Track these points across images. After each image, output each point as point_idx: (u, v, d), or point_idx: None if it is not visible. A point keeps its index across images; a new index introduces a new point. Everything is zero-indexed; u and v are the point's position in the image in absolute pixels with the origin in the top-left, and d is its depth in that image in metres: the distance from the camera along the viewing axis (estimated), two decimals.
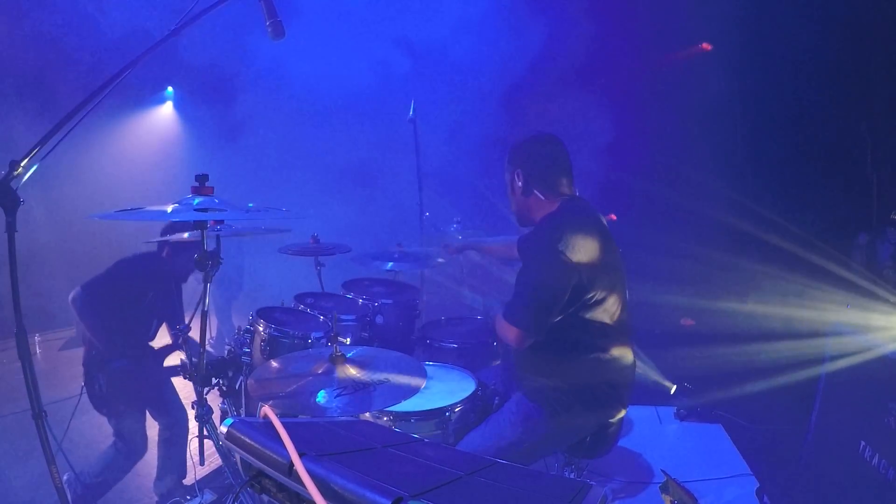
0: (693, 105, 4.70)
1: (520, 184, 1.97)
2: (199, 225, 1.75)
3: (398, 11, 4.97)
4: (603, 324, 1.84)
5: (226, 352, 2.31)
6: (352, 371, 1.59)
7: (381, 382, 1.54)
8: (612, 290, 1.84)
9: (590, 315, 1.81)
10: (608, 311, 1.85)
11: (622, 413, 1.95)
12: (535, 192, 1.94)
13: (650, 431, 3.29)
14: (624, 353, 1.90)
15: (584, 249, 1.77)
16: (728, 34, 4.60)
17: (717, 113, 4.66)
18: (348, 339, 2.29)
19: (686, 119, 4.72)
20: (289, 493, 0.81)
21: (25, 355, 1.74)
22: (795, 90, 4.20)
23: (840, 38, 3.94)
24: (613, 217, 2.02)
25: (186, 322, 2.19)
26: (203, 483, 2.47)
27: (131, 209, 1.73)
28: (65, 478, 2.12)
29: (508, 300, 1.85)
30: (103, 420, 3.35)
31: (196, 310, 1.91)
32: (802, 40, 4.07)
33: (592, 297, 1.79)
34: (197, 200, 1.72)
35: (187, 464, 2.66)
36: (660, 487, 2.28)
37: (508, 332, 1.81)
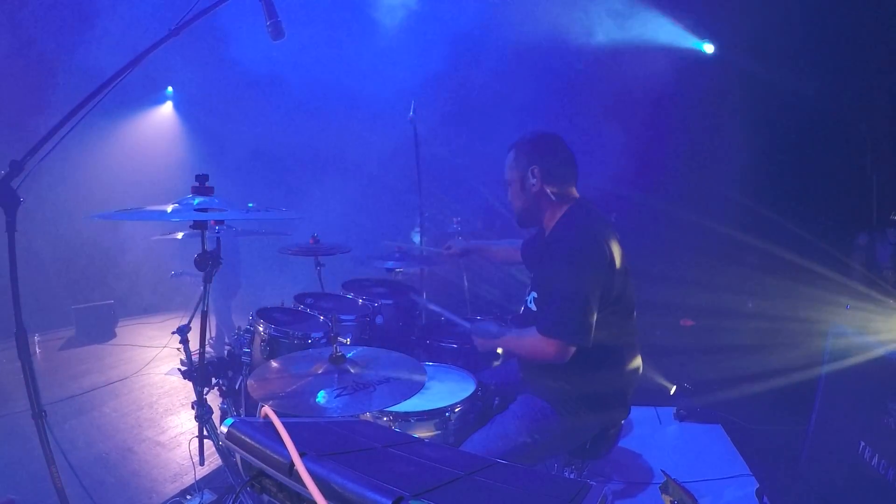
0: (693, 105, 4.71)
1: (534, 181, 1.89)
2: (198, 225, 1.75)
3: (400, 13, 4.98)
4: (617, 327, 1.83)
5: (226, 352, 2.31)
6: (352, 371, 1.59)
7: (381, 382, 1.54)
8: (625, 293, 1.83)
9: (605, 318, 1.78)
10: (621, 313, 1.83)
11: (625, 415, 1.95)
12: (548, 191, 1.89)
13: (650, 432, 3.29)
14: (633, 357, 1.89)
15: (610, 251, 1.76)
16: (728, 35, 4.60)
17: (716, 113, 4.66)
18: (348, 340, 2.29)
19: (685, 119, 4.72)
20: (289, 492, 0.81)
21: (25, 355, 1.74)
22: (795, 90, 4.20)
23: (840, 37, 3.94)
24: (613, 219, 2.00)
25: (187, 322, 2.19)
26: (203, 483, 2.46)
27: (131, 209, 1.73)
28: None
29: (542, 315, 1.76)
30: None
31: (196, 310, 1.90)
32: (802, 40, 4.08)
33: (611, 299, 1.77)
34: (197, 200, 1.72)
35: (188, 463, 2.66)
36: (660, 487, 2.29)
37: (548, 347, 1.71)
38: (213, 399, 2.07)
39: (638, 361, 1.93)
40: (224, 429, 0.89)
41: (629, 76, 4.69)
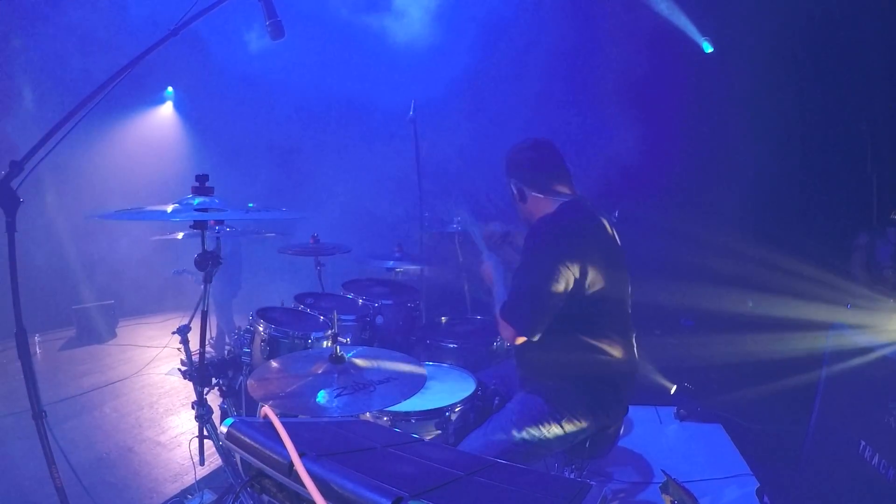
0: (693, 106, 4.71)
1: (515, 192, 2.00)
2: (198, 225, 1.75)
3: (401, 11, 4.98)
4: (606, 324, 1.85)
5: (226, 352, 2.31)
6: (352, 371, 1.59)
7: (381, 382, 1.54)
8: (614, 291, 1.84)
9: (592, 315, 1.81)
10: (610, 311, 1.85)
11: (623, 414, 1.95)
12: (532, 195, 1.96)
13: (650, 431, 3.29)
14: (627, 355, 1.90)
15: (579, 250, 1.77)
16: (729, 35, 4.60)
17: (717, 114, 4.66)
18: (348, 339, 2.29)
19: (686, 120, 4.72)
20: (289, 492, 0.81)
21: (25, 355, 1.75)
22: (796, 90, 4.20)
23: (840, 37, 3.94)
24: (615, 217, 2.01)
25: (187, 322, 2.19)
26: (203, 483, 2.47)
27: (131, 209, 1.73)
28: None
29: (506, 298, 1.85)
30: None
31: (196, 310, 1.91)
32: (802, 40, 4.08)
33: (593, 296, 1.78)
34: (197, 200, 1.72)
35: (188, 463, 2.66)
36: (660, 487, 2.29)
37: (504, 330, 1.84)
38: (214, 399, 2.07)
39: (634, 360, 1.94)
40: (224, 429, 0.89)
41: (631, 76, 4.69)
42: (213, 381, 2.15)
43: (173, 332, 1.93)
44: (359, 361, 1.66)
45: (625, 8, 4.70)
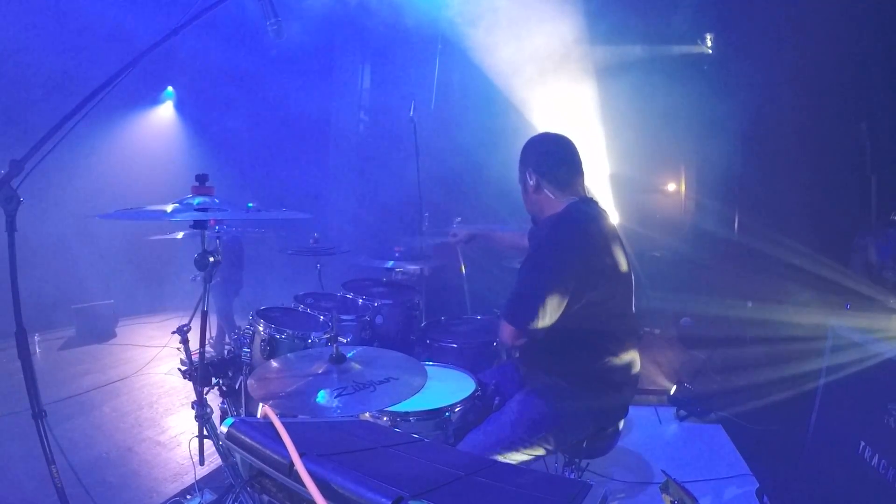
0: (692, 105, 4.71)
1: (531, 182, 1.96)
2: (198, 225, 1.75)
3: (401, 8, 4.97)
4: (610, 325, 1.84)
5: (226, 352, 2.31)
6: (352, 371, 1.59)
7: (381, 382, 1.53)
8: (619, 292, 1.83)
9: (596, 316, 1.80)
10: (616, 312, 1.84)
11: (623, 415, 1.95)
12: (545, 191, 1.94)
13: (650, 431, 3.29)
14: (630, 355, 1.90)
15: (592, 251, 1.76)
16: (729, 34, 4.61)
17: (716, 113, 4.66)
18: (348, 339, 2.29)
19: (686, 119, 4.72)
20: (289, 492, 0.81)
21: (25, 355, 1.74)
22: (795, 90, 4.20)
23: (840, 38, 3.94)
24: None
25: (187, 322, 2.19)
26: (203, 483, 2.46)
27: (131, 209, 1.73)
28: None
29: (508, 299, 1.83)
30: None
31: (196, 310, 1.90)
32: (802, 40, 4.08)
33: (600, 298, 1.78)
34: (197, 200, 1.72)
35: (188, 463, 2.66)
36: (660, 487, 2.28)
37: (503, 330, 1.78)
38: (214, 399, 2.07)
39: (636, 361, 1.93)
40: (224, 429, 0.89)
41: (629, 74, 4.69)
42: (213, 381, 2.15)
43: (173, 332, 1.92)
44: (359, 361, 1.66)
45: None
